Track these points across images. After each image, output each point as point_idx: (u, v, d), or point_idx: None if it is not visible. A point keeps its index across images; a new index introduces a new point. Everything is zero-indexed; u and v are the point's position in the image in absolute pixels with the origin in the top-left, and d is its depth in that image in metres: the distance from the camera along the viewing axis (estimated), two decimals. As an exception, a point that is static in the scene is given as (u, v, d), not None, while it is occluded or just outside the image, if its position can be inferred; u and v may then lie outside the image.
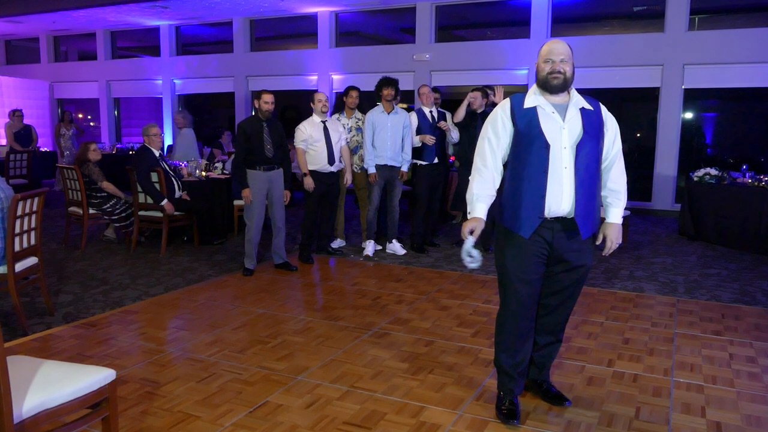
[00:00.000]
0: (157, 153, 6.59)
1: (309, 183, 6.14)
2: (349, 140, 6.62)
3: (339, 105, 6.97)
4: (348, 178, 6.54)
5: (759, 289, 5.43)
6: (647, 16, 10.67)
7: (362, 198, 6.82)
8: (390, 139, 6.33)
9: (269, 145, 5.61)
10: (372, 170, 6.34)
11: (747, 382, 3.46)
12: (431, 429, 2.90)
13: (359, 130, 6.70)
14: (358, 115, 6.76)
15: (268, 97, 5.65)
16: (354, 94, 6.75)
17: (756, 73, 9.36)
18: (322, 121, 6.20)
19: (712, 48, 9.45)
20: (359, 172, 6.71)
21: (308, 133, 6.15)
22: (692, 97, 10.11)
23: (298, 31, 13.49)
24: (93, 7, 11.82)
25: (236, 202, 7.57)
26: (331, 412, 3.05)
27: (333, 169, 6.24)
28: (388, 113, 6.34)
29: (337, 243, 6.90)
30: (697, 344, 4.04)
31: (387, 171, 6.40)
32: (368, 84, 7.04)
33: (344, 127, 6.58)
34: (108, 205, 6.80)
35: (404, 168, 6.44)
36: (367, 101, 6.86)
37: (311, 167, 6.17)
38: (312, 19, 12.32)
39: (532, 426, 2.94)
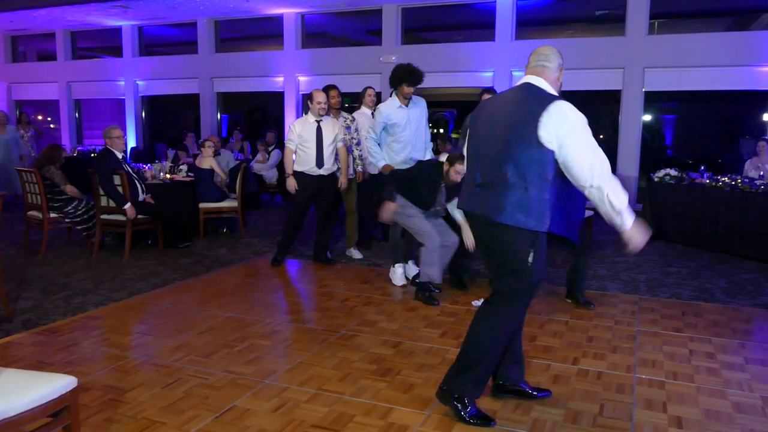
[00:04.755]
0: (119, 155, 6.48)
1: (290, 184, 5.93)
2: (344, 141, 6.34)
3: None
4: (343, 182, 6.18)
5: (717, 286, 5.58)
6: (609, 20, 10.90)
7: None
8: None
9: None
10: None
11: (706, 378, 3.56)
12: (399, 430, 2.90)
13: (348, 129, 6.42)
14: (345, 114, 6.50)
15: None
16: (333, 93, 6.35)
17: (713, 76, 9.64)
18: (316, 121, 5.93)
19: (671, 52, 9.69)
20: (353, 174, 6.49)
21: (298, 132, 5.91)
22: (652, 99, 10.35)
23: (264, 32, 13.42)
24: (52, 6, 11.56)
25: (201, 205, 7.49)
26: (299, 415, 3.03)
27: (323, 172, 5.95)
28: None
29: (355, 253, 6.56)
30: (658, 341, 4.13)
31: None
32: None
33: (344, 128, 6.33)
34: (69, 207, 6.66)
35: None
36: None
37: (300, 168, 5.93)
38: (278, 20, 12.25)
39: (499, 425, 2.96)
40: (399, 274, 5.49)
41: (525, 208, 2.73)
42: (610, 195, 2.68)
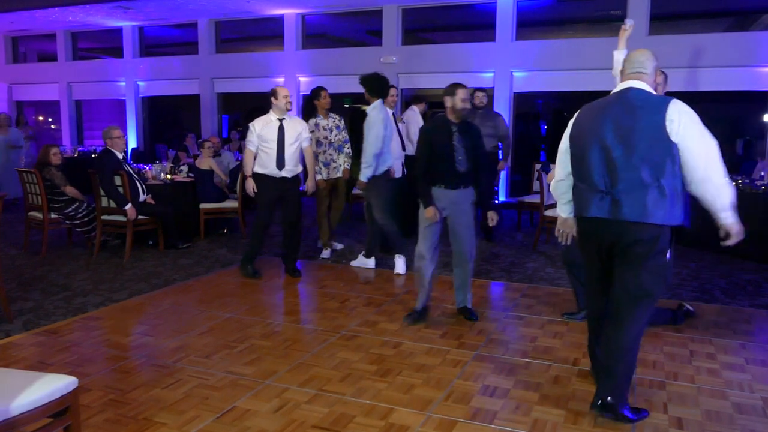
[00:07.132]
0: (120, 156, 6.48)
1: (248, 186, 5.67)
2: (333, 140, 6.38)
3: (310, 109, 6.54)
4: (309, 186, 5.92)
5: (717, 287, 5.58)
6: (609, 20, 10.89)
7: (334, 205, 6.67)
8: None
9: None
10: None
11: (707, 378, 3.56)
12: (400, 430, 2.91)
13: (339, 128, 6.47)
14: (333, 115, 6.51)
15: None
16: (324, 94, 6.41)
17: (713, 77, 9.63)
18: (278, 119, 5.59)
19: (671, 52, 9.68)
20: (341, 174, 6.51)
21: (257, 133, 5.58)
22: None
23: (264, 32, 13.41)
24: (53, 7, 11.56)
25: (202, 206, 7.49)
26: (300, 416, 3.03)
27: (285, 174, 5.59)
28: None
29: (326, 253, 6.58)
30: (658, 342, 4.13)
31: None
32: (335, 86, 6.99)
33: (326, 129, 6.34)
34: (70, 209, 6.66)
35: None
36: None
37: (261, 170, 5.59)
38: (278, 20, 12.25)
39: (500, 425, 2.97)
40: (367, 262, 6.10)
41: (662, 204, 2.83)
42: (722, 188, 2.88)
